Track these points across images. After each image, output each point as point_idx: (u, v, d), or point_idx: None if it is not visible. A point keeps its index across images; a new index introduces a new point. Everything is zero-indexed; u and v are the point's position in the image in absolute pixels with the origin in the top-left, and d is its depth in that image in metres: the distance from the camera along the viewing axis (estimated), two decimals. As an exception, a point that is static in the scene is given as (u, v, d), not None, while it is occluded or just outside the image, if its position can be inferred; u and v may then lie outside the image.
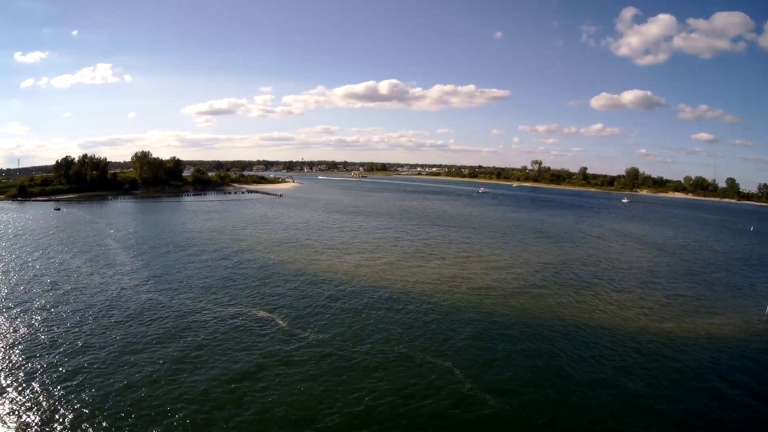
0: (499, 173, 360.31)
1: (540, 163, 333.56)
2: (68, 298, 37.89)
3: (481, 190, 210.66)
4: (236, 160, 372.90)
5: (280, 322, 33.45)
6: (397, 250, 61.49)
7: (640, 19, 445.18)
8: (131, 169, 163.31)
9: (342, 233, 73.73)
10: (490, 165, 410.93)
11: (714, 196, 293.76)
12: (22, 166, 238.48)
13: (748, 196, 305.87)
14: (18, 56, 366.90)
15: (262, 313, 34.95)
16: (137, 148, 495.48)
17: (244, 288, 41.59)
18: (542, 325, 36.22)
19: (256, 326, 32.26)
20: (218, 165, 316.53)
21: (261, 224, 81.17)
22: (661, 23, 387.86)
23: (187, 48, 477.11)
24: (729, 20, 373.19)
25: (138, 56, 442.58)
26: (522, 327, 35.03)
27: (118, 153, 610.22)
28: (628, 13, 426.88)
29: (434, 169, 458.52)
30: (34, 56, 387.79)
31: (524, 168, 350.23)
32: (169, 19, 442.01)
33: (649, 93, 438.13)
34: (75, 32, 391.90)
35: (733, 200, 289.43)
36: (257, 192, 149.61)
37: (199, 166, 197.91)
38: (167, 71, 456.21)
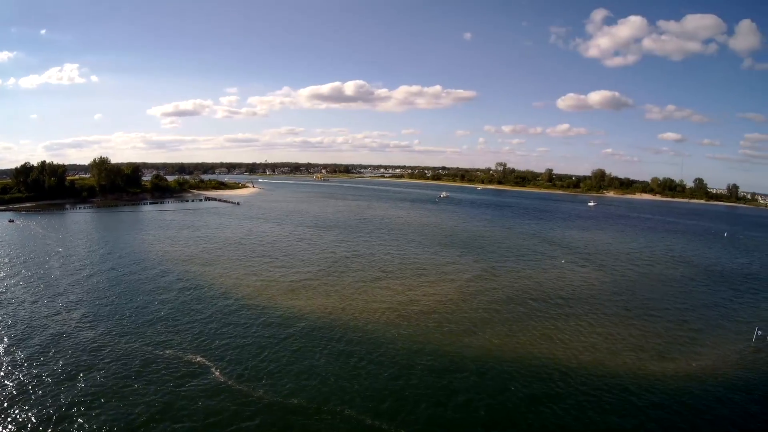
0: (463, 175, 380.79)
1: (504, 165, 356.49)
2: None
3: (443, 194, 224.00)
4: (199, 162, 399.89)
5: (217, 372, 32.89)
6: (352, 273, 62.35)
7: (610, 21, 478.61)
8: (89, 175, 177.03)
9: (294, 254, 73.59)
10: (455, 166, 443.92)
11: (682, 197, 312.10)
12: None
13: (718, 197, 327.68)
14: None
15: (198, 359, 34.82)
16: (103, 150, 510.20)
17: (178, 323, 42.15)
18: (505, 369, 35.16)
19: (188, 377, 31.89)
20: (181, 168, 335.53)
21: (209, 241, 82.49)
22: (631, 25, 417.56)
23: (153, 48, 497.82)
24: (701, 22, 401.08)
25: (105, 56, 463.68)
26: (482, 372, 34.48)
27: (84, 155, 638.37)
28: (599, 14, 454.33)
29: (397, 170, 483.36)
30: (1, 56, 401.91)
31: (488, 169, 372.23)
32: (137, 18, 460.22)
33: (617, 94, 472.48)
34: (43, 31, 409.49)
35: (702, 201, 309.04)
36: (215, 199, 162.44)
37: (162, 169, 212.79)
38: (134, 71, 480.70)
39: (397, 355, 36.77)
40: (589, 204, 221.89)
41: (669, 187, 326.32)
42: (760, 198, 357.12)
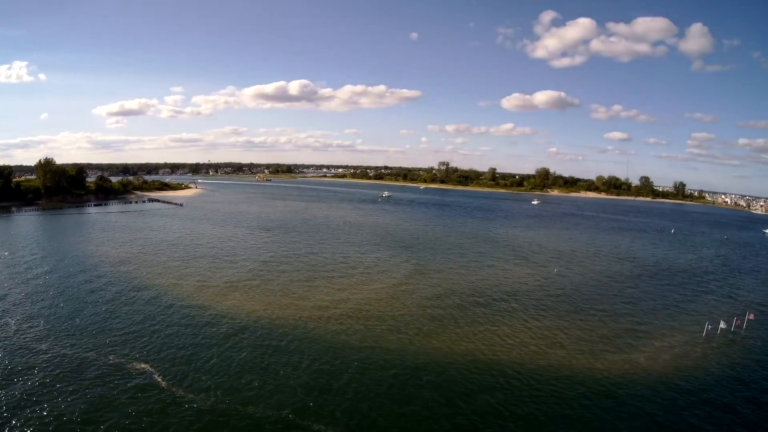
0: (406, 174, 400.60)
1: (447, 164, 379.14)
2: None
3: (385, 194, 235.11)
4: (143, 163, 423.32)
5: (164, 382, 33.51)
6: (294, 273, 65.49)
7: (558, 23, 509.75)
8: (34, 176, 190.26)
9: (235, 255, 77.18)
10: (397, 165, 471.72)
11: (628, 195, 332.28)
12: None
13: (664, 195, 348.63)
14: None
15: (143, 366, 35.84)
16: (49, 150, 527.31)
17: (120, 328, 43.50)
18: (457, 367, 36.90)
19: (137, 390, 32.18)
20: (125, 169, 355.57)
21: (151, 243, 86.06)
22: (580, 27, 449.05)
23: (102, 45, 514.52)
24: (651, 25, 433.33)
25: (54, 54, 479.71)
26: (439, 372, 36.19)
27: (31, 156, 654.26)
28: (547, 16, 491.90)
29: (340, 170, 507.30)
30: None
31: (431, 169, 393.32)
32: (86, 15, 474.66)
33: (562, 94, 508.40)
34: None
35: (648, 198, 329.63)
36: (158, 201, 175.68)
37: (107, 170, 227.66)
38: (81, 70, 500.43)
39: (348, 358, 38.18)
40: (533, 202, 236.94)
41: (614, 185, 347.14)
42: (707, 195, 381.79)
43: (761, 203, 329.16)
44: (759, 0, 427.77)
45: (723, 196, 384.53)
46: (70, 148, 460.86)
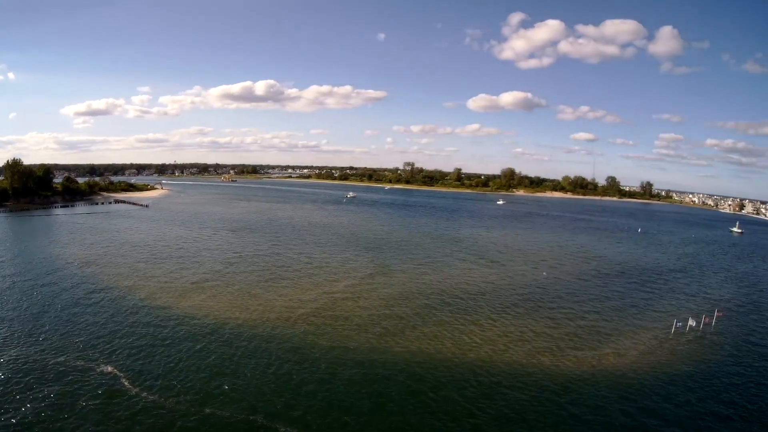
0: (371, 175, 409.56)
1: (413, 164, 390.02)
2: None
3: (350, 195, 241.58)
4: (110, 163, 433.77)
5: (128, 384, 33.71)
6: (260, 273, 66.90)
7: (527, 24, 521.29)
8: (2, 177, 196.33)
9: (201, 256, 77.94)
10: (363, 166, 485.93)
11: (594, 195, 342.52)
12: None
13: (631, 194, 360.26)
14: None
15: (109, 369, 35.89)
16: (17, 150, 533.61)
17: (87, 331, 43.51)
18: (421, 368, 37.21)
19: (105, 395, 32.04)
20: (92, 170, 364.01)
21: (116, 245, 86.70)
22: (548, 28, 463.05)
23: (70, 45, 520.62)
24: (620, 27, 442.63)
25: (23, 53, 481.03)
26: (406, 374, 36.38)
27: None
28: (516, 18, 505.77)
29: (305, 171, 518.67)
30: None
31: (396, 169, 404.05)
32: (55, 15, 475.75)
33: (529, 95, 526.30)
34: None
35: (615, 198, 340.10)
36: (124, 202, 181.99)
37: (74, 171, 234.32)
38: (50, 69, 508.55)
39: (317, 359, 38.67)
40: (499, 202, 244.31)
41: (580, 185, 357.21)
42: (675, 195, 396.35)
43: (729, 202, 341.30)
44: (729, 3, 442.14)
45: (690, 196, 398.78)
46: (38, 149, 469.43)
